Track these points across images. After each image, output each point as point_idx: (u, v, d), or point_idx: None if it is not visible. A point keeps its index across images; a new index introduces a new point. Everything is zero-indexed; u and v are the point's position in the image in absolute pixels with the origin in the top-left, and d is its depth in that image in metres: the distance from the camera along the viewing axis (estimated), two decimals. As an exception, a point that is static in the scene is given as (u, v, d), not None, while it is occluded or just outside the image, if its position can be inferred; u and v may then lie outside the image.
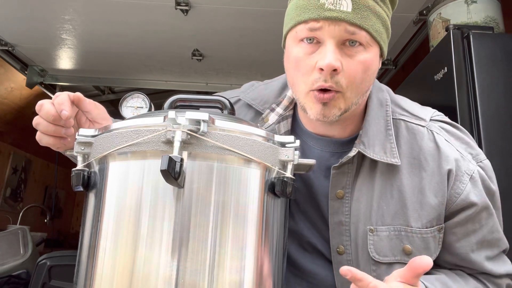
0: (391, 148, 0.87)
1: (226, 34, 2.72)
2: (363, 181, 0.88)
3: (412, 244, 0.86)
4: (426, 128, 0.90)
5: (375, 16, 0.81)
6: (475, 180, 0.87)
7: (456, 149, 0.89)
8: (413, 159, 0.88)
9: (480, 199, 0.86)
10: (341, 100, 0.82)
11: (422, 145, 0.89)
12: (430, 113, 0.95)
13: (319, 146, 0.93)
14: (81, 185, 0.71)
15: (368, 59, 0.81)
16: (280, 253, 0.74)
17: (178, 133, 0.64)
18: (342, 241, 0.89)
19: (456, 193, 0.86)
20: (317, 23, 0.79)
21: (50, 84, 3.67)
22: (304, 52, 0.82)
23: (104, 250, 0.66)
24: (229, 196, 0.66)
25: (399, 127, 0.91)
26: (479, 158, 0.90)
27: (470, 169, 0.87)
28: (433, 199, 0.86)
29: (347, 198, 0.89)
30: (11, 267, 2.36)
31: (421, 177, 0.87)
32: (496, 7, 1.88)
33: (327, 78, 0.79)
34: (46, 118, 0.80)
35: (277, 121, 0.95)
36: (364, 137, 0.88)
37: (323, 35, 0.79)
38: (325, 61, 0.78)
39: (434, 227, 0.86)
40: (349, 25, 0.78)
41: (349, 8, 0.78)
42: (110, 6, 2.45)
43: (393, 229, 0.86)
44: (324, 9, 0.78)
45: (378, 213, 0.87)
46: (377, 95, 0.93)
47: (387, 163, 0.87)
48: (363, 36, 0.79)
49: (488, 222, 0.88)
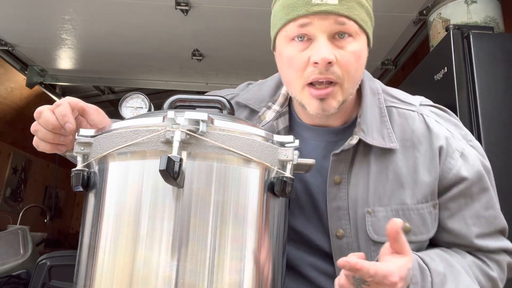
0: (388, 134, 0.90)
1: (226, 34, 2.72)
2: (359, 166, 0.91)
3: (410, 221, 0.88)
4: (417, 113, 0.94)
5: (360, 6, 0.84)
6: (465, 157, 0.90)
7: (446, 129, 0.93)
8: (406, 141, 0.91)
9: (471, 174, 0.89)
10: (339, 92, 0.84)
11: (414, 128, 0.92)
12: (419, 99, 0.99)
13: (315, 137, 0.96)
14: (80, 185, 0.71)
15: (358, 49, 0.84)
16: (279, 253, 0.74)
17: (177, 133, 0.64)
18: (342, 225, 0.90)
19: (448, 168, 0.89)
20: (307, 19, 0.81)
21: (50, 84, 3.67)
22: (297, 50, 0.84)
23: (104, 250, 0.66)
24: (228, 196, 0.66)
25: (391, 113, 0.94)
26: (468, 138, 0.95)
27: (460, 147, 0.91)
28: (427, 176, 0.89)
29: (344, 183, 0.90)
30: (11, 267, 2.36)
31: (415, 157, 0.90)
32: (496, 7, 1.88)
33: (322, 70, 0.81)
34: (45, 127, 0.79)
35: (274, 117, 0.97)
36: (363, 124, 0.90)
37: (314, 31, 0.82)
38: (320, 55, 0.80)
39: (428, 203, 0.89)
40: (338, 16, 0.81)
41: (335, 1, 0.80)
42: (110, 6, 2.45)
43: (390, 209, 0.88)
44: (312, 4, 0.81)
45: (375, 195, 0.89)
46: (369, 84, 0.96)
47: (381, 147, 0.90)
48: (351, 27, 0.82)
49: (480, 197, 0.90)
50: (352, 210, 0.90)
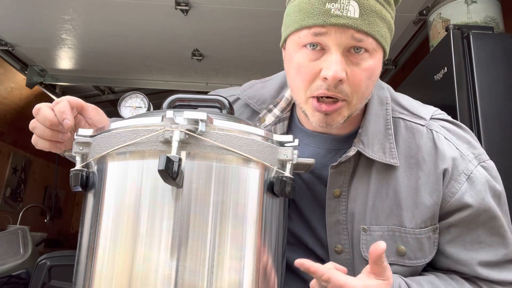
0: (390, 148, 0.86)
1: (226, 34, 2.72)
2: (359, 180, 0.87)
3: (406, 245, 0.84)
4: (426, 127, 0.89)
5: (382, 21, 0.78)
6: (472, 181, 0.84)
7: (456, 148, 0.87)
8: (410, 158, 0.86)
9: (477, 201, 0.83)
10: (345, 108, 0.80)
11: (421, 144, 0.87)
12: (431, 111, 0.93)
13: (316, 143, 0.92)
14: (79, 185, 0.70)
15: (373, 66, 0.79)
16: (279, 253, 0.73)
17: (176, 133, 0.64)
18: (340, 240, 0.88)
19: (450, 192, 0.84)
20: (323, 28, 0.76)
21: (50, 84, 3.67)
22: (307, 58, 0.79)
23: (103, 250, 0.66)
24: (228, 195, 0.66)
25: (398, 126, 0.89)
26: (481, 158, 0.87)
27: (468, 169, 0.85)
28: (428, 199, 0.84)
29: (344, 197, 0.87)
30: (11, 267, 2.36)
31: (418, 176, 0.85)
32: (496, 7, 1.88)
33: (331, 87, 0.77)
34: (43, 123, 0.79)
35: (273, 122, 0.95)
36: (364, 136, 0.86)
37: (328, 42, 0.76)
38: (331, 72, 0.75)
39: (428, 227, 0.84)
40: (356, 32, 0.75)
41: (356, 14, 0.74)
42: (110, 6, 2.45)
43: (387, 229, 0.85)
44: (331, 15, 0.74)
45: (372, 212, 0.85)
46: (377, 93, 0.91)
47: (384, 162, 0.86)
48: (369, 43, 0.77)
49: (486, 224, 0.84)
50: (350, 225, 0.87)
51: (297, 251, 0.92)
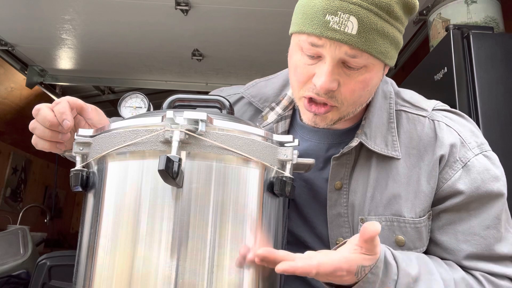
0: (392, 141, 0.87)
1: (226, 34, 2.72)
2: (360, 172, 0.88)
3: (405, 235, 0.84)
4: (428, 118, 0.89)
5: (382, 37, 0.76)
6: (468, 169, 0.84)
7: (458, 134, 0.87)
8: (412, 149, 0.87)
9: (469, 188, 0.82)
10: (335, 113, 0.82)
11: (422, 135, 0.87)
12: (434, 104, 0.93)
13: (317, 139, 0.93)
14: (79, 185, 0.71)
15: (368, 78, 0.79)
16: (279, 253, 0.73)
17: (176, 133, 0.64)
18: (342, 233, 0.88)
19: (444, 178, 0.84)
20: (319, 40, 0.76)
21: (50, 84, 3.67)
22: (304, 61, 0.80)
23: (103, 250, 0.66)
24: (228, 195, 0.66)
25: (400, 118, 0.90)
26: (484, 148, 0.87)
27: (466, 157, 0.84)
28: (427, 186, 0.84)
29: (345, 189, 0.88)
30: (11, 267, 2.36)
31: (418, 167, 0.86)
32: (496, 7, 1.88)
33: (320, 93, 0.78)
34: (43, 124, 0.79)
35: (275, 120, 0.96)
36: (367, 128, 0.87)
37: (324, 52, 0.77)
38: (320, 82, 0.76)
39: (426, 216, 0.84)
40: (350, 48, 0.74)
41: (354, 31, 0.73)
42: (110, 6, 2.45)
43: (385, 219, 0.85)
44: (328, 28, 0.74)
45: (372, 203, 0.86)
46: (382, 87, 0.92)
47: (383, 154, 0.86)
48: (364, 60, 0.76)
49: (479, 214, 0.83)
50: (351, 217, 0.87)
51: (297, 250, 0.92)
